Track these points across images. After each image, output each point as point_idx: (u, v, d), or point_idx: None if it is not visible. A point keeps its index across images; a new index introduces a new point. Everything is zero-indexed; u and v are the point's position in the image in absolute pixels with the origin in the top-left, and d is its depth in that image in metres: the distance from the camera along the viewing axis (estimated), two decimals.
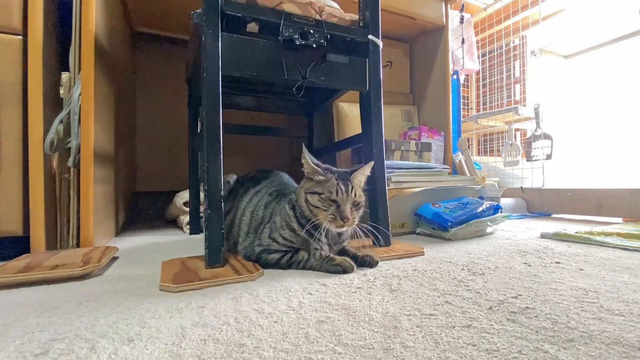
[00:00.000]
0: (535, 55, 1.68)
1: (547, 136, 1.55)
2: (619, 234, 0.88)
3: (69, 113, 0.75)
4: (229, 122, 1.04)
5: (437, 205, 0.98)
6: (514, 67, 2.04)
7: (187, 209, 1.10)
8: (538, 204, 1.47)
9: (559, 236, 0.90)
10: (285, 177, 0.87)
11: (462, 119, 1.72)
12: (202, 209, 1.08)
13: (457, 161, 1.42)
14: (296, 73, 0.72)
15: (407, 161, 1.19)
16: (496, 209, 0.99)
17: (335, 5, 0.79)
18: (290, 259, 0.62)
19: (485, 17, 1.88)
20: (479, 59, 1.85)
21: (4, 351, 0.33)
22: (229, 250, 0.75)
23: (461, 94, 1.74)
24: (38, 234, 0.71)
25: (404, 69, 1.56)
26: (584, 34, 1.66)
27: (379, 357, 0.32)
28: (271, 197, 0.74)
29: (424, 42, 1.51)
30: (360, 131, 0.84)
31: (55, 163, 0.77)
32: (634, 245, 0.77)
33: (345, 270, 0.59)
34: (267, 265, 0.63)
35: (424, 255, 0.73)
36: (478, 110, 2.24)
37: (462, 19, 1.70)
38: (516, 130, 1.87)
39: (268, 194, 0.76)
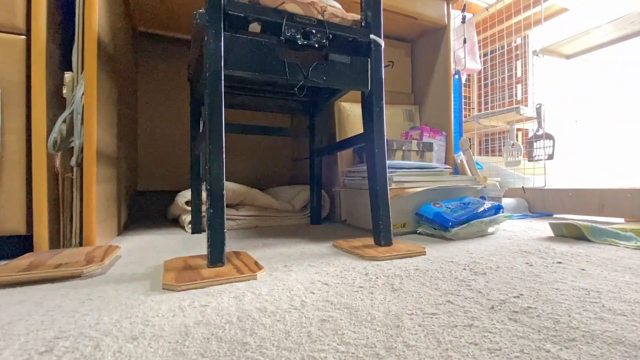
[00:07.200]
0: (538, 56, 1.68)
1: (549, 136, 1.55)
2: (632, 230, 0.88)
3: (71, 112, 0.76)
4: (230, 121, 1.05)
5: (438, 205, 0.98)
6: (515, 67, 2.04)
7: (189, 208, 1.10)
8: (540, 204, 1.47)
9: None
10: None
11: (463, 118, 1.72)
12: (204, 208, 1.08)
13: (459, 161, 1.42)
14: (298, 73, 0.73)
15: (408, 161, 1.19)
16: (497, 209, 0.99)
17: (338, 5, 0.79)
18: None
19: (487, 17, 1.88)
20: (480, 58, 1.85)
21: (9, 349, 0.34)
22: None
23: (463, 93, 1.74)
24: (41, 233, 0.72)
25: (406, 68, 1.56)
26: (586, 33, 1.65)
27: (381, 355, 0.32)
28: None
29: (426, 42, 1.51)
30: (362, 131, 0.84)
31: (58, 162, 0.77)
32: None
33: None
34: None
35: (425, 255, 0.73)
36: (480, 110, 2.24)
37: (464, 18, 1.70)
38: (518, 130, 1.87)
39: None
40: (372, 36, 0.79)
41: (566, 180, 1.91)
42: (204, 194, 1.06)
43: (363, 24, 0.80)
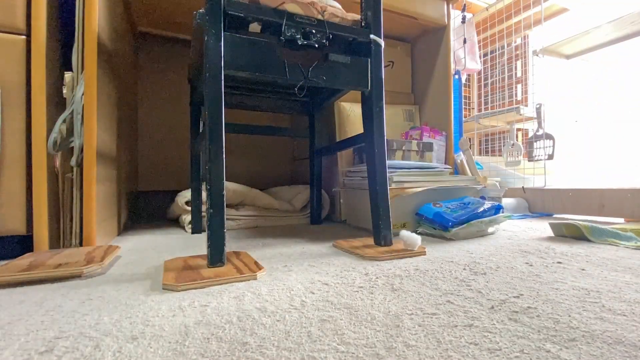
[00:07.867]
0: (538, 56, 1.68)
1: (548, 136, 1.55)
2: (632, 230, 0.88)
3: (72, 113, 0.76)
4: (230, 121, 1.05)
5: (438, 205, 0.98)
6: (515, 67, 2.04)
7: (189, 209, 1.10)
8: (540, 204, 1.47)
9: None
10: None
11: (463, 118, 1.72)
12: (204, 208, 1.08)
13: (459, 161, 1.42)
14: (298, 73, 0.73)
15: (408, 161, 1.19)
16: (497, 209, 0.99)
17: (337, 5, 0.79)
18: None
19: (487, 17, 1.88)
20: (480, 58, 1.86)
21: (9, 349, 0.34)
22: None
23: (463, 93, 1.74)
24: (41, 233, 0.72)
25: (406, 68, 1.56)
26: (586, 33, 1.65)
27: (381, 355, 0.32)
28: None
29: (426, 41, 1.51)
30: (362, 131, 0.84)
31: (58, 162, 0.77)
32: None
33: None
34: None
35: (425, 255, 0.73)
36: (480, 110, 2.24)
37: (464, 18, 1.70)
38: (518, 130, 1.87)
39: None
40: (372, 36, 0.79)
41: (566, 180, 1.92)
42: (204, 194, 1.06)
43: (363, 24, 0.80)
